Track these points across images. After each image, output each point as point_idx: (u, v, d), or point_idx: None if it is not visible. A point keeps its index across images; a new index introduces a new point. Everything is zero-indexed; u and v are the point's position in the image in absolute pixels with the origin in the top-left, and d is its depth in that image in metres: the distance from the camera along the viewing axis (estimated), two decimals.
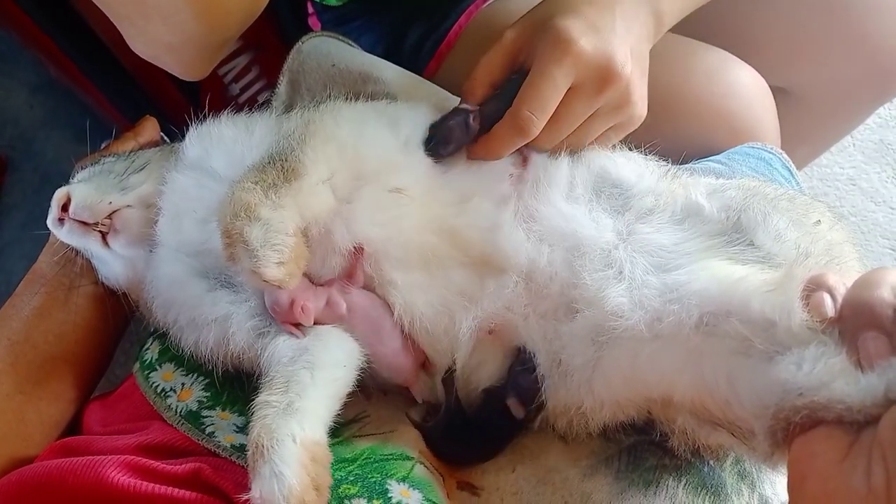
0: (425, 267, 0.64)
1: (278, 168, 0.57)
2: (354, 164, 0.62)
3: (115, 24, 0.67)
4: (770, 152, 0.88)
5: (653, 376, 0.58)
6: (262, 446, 0.50)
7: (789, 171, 0.89)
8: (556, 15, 0.63)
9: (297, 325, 0.62)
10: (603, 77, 0.62)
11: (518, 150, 0.66)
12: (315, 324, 0.63)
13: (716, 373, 0.53)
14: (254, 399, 0.55)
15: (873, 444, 0.38)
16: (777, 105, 0.94)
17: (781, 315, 0.49)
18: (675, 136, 0.77)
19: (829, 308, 0.48)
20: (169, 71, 0.74)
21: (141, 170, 0.70)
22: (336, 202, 0.61)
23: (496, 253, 0.64)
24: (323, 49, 0.92)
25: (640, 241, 0.61)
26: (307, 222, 0.59)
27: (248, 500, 0.49)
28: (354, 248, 0.63)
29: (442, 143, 0.65)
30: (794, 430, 0.44)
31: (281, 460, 0.49)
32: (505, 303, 0.64)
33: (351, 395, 0.61)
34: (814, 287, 0.50)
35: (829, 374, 0.43)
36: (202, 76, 0.76)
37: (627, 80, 0.63)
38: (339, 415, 0.59)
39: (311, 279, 0.65)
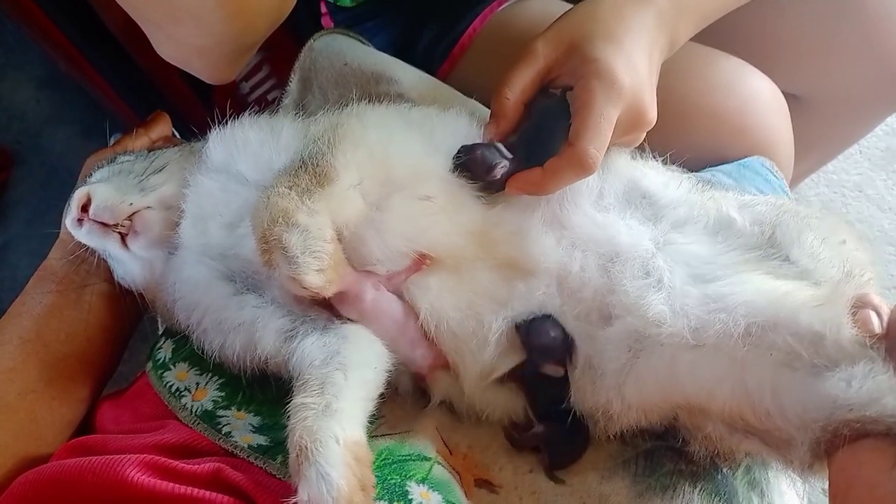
0: (455, 269, 0.64)
1: (311, 173, 0.57)
2: (383, 170, 0.62)
3: (141, 28, 0.66)
4: (775, 176, 0.89)
5: (691, 385, 0.58)
6: (306, 448, 0.50)
7: (787, 197, 0.90)
8: (595, 41, 0.62)
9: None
10: (635, 122, 0.64)
11: None
12: (334, 315, 0.63)
13: (760, 384, 0.54)
14: (287, 401, 0.55)
15: None
16: (790, 111, 0.94)
17: (831, 329, 0.51)
18: (689, 146, 0.78)
19: (877, 325, 0.51)
20: (195, 75, 0.74)
21: (161, 170, 0.70)
22: (365, 207, 0.61)
23: (524, 257, 0.64)
24: (335, 47, 0.92)
25: (678, 251, 0.61)
26: (337, 227, 0.58)
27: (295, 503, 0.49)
28: (418, 256, 0.63)
29: (462, 168, 0.64)
30: (839, 442, 0.45)
31: (326, 462, 0.49)
32: (538, 304, 0.64)
33: None
34: (860, 305, 0.52)
35: (879, 391, 0.46)
36: (229, 79, 0.76)
37: (651, 125, 0.65)
38: None
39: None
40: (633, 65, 0.62)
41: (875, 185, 1.73)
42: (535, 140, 0.64)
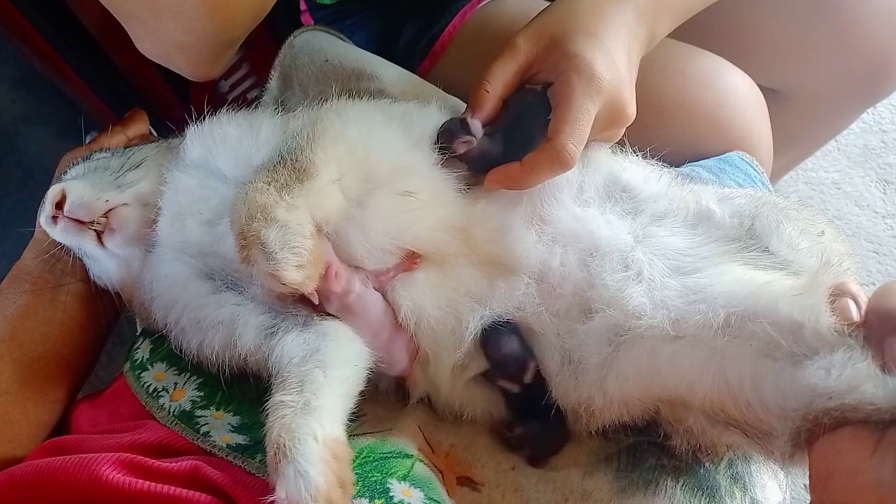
0: (439, 266, 0.64)
1: (290, 168, 0.56)
2: (364, 166, 0.62)
3: (122, 23, 0.65)
4: (755, 170, 0.90)
5: (672, 377, 0.58)
6: (284, 446, 0.49)
7: (768, 190, 0.91)
8: (575, 37, 0.63)
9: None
10: (614, 118, 0.65)
11: None
12: (317, 311, 0.63)
13: (740, 375, 0.55)
14: (267, 401, 0.55)
15: None
16: (768, 106, 0.95)
17: (810, 318, 0.52)
18: (668, 143, 0.78)
19: (855, 313, 0.52)
20: (178, 72, 0.73)
21: (137, 167, 0.69)
22: (346, 203, 0.60)
23: (506, 254, 0.64)
24: (315, 44, 0.91)
25: (657, 244, 0.62)
26: (317, 223, 0.58)
27: (272, 502, 0.48)
28: (408, 254, 0.63)
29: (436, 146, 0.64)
30: (819, 431, 0.46)
31: (305, 459, 0.48)
32: (516, 304, 0.64)
33: None
34: (838, 293, 0.53)
35: (857, 379, 0.46)
36: (212, 76, 0.76)
37: (630, 121, 0.66)
38: None
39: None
40: (613, 60, 0.63)
41: (853, 182, 1.74)
42: (515, 135, 0.64)
